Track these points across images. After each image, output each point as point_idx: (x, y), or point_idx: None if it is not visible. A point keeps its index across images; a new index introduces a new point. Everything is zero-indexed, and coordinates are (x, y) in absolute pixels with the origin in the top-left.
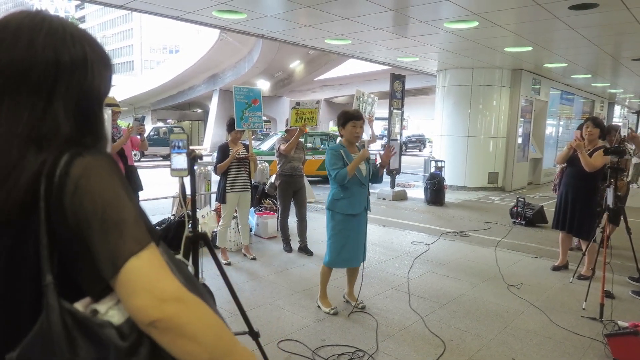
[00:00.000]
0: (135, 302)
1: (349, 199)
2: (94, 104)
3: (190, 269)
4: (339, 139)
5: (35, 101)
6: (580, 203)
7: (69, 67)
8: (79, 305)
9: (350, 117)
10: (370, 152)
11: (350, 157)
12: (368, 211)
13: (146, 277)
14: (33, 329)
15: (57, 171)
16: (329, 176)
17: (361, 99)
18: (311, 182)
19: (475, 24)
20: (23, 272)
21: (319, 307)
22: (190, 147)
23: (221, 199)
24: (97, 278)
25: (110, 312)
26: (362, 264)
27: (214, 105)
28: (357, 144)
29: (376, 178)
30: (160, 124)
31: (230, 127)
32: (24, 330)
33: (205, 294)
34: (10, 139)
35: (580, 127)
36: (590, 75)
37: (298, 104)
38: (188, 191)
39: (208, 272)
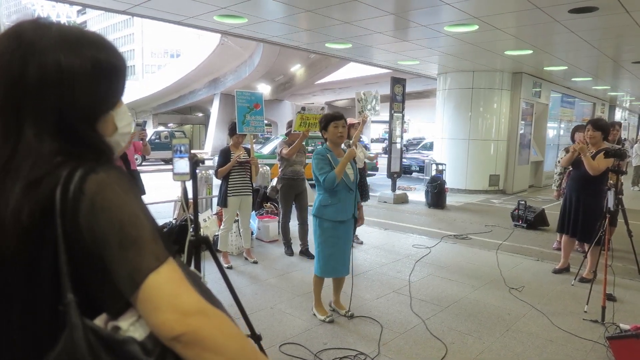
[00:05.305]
0: (158, 317)
1: (338, 204)
2: (81, 121)
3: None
4: (326, 144)
5: (5, 120)
6: (585, 207)
7: (35, 83)
8: (98, 322)
9: (330, 119)
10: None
11: (337, 160)
12: (355, 218)
13: (167, 292)
14: (56, 348)
15: (71, 187)
16: (315, 182)
17: (363, 99)
18: (312, 186)
19: (476, 27)
20: (44, 291)
21: (314, 315)
22: (192, 152)
23: (223, 202)
24: (116, 295)
25: (132, 328)
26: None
27: (215, 109)
28: (343, 146)
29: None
30: (161, 128)
31: (232, 131)
32: (42, 350)
33: (221, 305)
34: None
35: (575, 129)
36: (590, 78)
37: (303, 109)
38: (190, 195)
39: (210, 276)
